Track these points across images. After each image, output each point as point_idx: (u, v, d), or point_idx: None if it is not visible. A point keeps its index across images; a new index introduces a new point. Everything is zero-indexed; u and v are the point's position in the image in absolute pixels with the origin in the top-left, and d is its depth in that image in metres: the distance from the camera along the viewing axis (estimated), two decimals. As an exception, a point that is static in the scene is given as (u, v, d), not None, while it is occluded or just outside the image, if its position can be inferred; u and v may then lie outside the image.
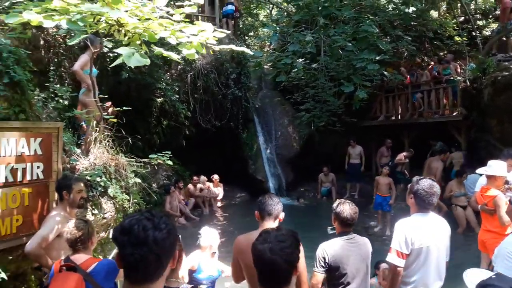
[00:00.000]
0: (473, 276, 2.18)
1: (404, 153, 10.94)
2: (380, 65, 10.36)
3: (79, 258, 2.92)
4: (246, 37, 19.56)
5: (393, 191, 9.33)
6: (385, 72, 10.73)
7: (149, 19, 3.54)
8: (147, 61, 2.91)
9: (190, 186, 10.82)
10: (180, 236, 2.91)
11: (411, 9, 9.84)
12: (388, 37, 12.03)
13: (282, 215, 3.06)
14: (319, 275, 3.09)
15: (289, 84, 11.98)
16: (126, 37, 3.35)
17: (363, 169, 12.11)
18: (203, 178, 11.17)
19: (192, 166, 11.90)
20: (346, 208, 3.19)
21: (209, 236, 4.25)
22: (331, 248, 3.09)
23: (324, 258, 3.06)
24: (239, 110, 12.41)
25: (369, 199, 10.83)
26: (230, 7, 12.27)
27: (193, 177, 11.07)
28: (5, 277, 3.64)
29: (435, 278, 3.07)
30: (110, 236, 4.83)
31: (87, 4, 2.99)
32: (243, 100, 12.52)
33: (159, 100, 10.07)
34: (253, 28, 21.68)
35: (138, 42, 3.32)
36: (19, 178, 3.81)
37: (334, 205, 3.30)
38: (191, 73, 10.99)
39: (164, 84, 9.97)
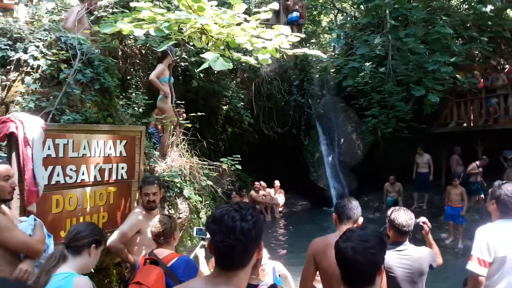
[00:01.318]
0: None
1: (477, 162, 10.31)
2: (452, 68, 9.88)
3: (162, 253, 3.06)
4: (308, 44, 19.53)
5: (465, 202, 8.83)
6: (458, 76, 10.20)
7: (229, 25, 3.67)
8: (230, 65, 3.01)
9: (253, 192, 10.94)
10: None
11: (489, 7, 9.25)
12: (460, 38, 11.44)
13: (361, 220, 3.00)
14: None
15: (353, 90, 11.76)
16: (210, 43, 3.48)
17: (431, 179, 11.54)
18: (263, 184, 11.25)
19: (254, 172, 12.05)
20: (400, 214, 3.04)
21: None
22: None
23: None
24: (301, 116, 12.41)
25: (439, 210, 10.34)
26: (295, 14, 12.34)
27: (254, 183, 11.19)
28: (92, 270, 3.89)
29: None
30: (185, 234, 5.02)
31: (177, 12, 3.16)
32: (305, 107, 12.51)
33: (224, 107, 10.35)
34: (314, 35, 21.61)
35: (222, 47, 3.45)
36: (106, 177, 4.08)
37: (389, 212, 3.16)
38: (255, 81, 11.18)
39: (230, 92, 10.23)
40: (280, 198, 11.51)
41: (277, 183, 11.51)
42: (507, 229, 2.87)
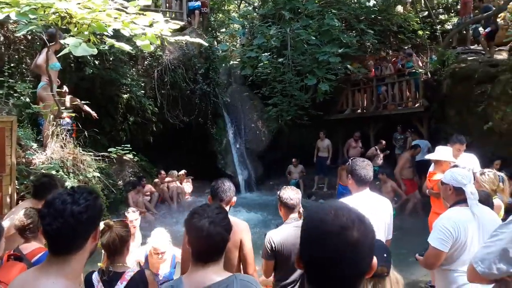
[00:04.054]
0: None
1: (376, 146, 11.24)
2: (345, 59, 10.50)
3: (27, 248, 2.94)
4: (218, 33, 19.52)
5: None
6: (349, 66, 10.96)
7: (101, 10, 3.56)
8: (94, 51, 2.94)
9: (157, 181, 10.76)
10: (128, 222, 2.97)
11: (372, 2, 10.08)
12: (353, 31, 12.28)
13: (234, 200, 3.16)
14: (268, 263, 3.16)
15: (257, 79, 12.07)
16: (76, 28, 3.36)
17: (329, 163, 12.28)
18: (173, 172, 11.12)
19: (161, 162, 11.86)
20: (287, 190, 3.28)
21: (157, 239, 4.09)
22: (277, 236, 3.12)
23: (271, 246, 3.09)
24: (207, 105, 12.41)
25: (335, 191, 11.07)
26: (197, 3, 12.22)
27: (161, 172, 11.00)
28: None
29: None
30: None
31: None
32: (211, 95, 12.52)
33: (125, 96, 9.96)
34: (224, 24, 21.65)
35: (86, 32, 3.34)
36: (-30, 172, 3.77)
37: (278, 192, 3.38)
38: (158, 69, 10.92)
39: (129, 80, 9.88)
40: (187, 186, 11.47)
41: (182, 172, 11.44)
42: (360, 199, 3.16)
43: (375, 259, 1.16)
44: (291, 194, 3.23)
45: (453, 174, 3.05)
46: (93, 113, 7.25)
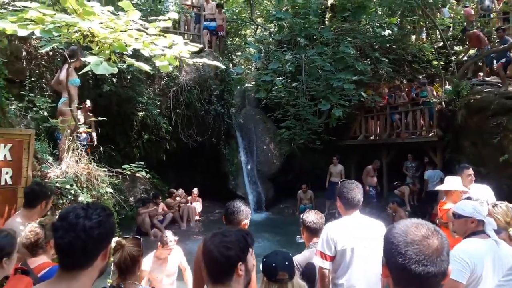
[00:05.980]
0: None
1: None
2: (359, 86, 10.52)
3: (35, 262, 2.92)
4: (234, 56, 19.86)
5: None
6: (363, 93, 11.01)
7: (123, 31, 3.68)
8: (115, 70, 3.02)
9: (169, 200, 10.79)
10: (141, 240, 2.98)
11: (387, 32, 10.21)
12: (368, 59, 12.38)
13: (244, 222, 3.15)
14: None
15: (271, 102, 12.19)
16: (97, 47, 3.47)
17: None
18: (181, 191, 11.15)
19: (172, 180, 11.92)
20: (311, 213, 3.28)
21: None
22: (303, 260, 3.12)
23: (300, 270, 3.07)
24: (221, 126, 12.53)
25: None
26: (213, 23, 12.45)
27: (173, 191, 11.04)
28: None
29: (364, 280, 2.97)
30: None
31: (59, 14, 3.11)
32: (225, 116, 12.66)
33: (140, 114, 10.13)
34: (240, 48, 22.04)
35: (107, 51, 3.44)
36: (-14, 183, 3.84)
37: (302, 215, 3.38)
38: (174, 89, 11.11)
39: (145, 98, 10.06)
40: (198, 205, 11.48)
41: (195, 191, 11.48)
42: (348, 223, 3.05)
43: (450, 266, 1.33)
44: (314, 218, 3.23)
45: (475, 207, 2.96)
46: (94, 139, 7.59)
